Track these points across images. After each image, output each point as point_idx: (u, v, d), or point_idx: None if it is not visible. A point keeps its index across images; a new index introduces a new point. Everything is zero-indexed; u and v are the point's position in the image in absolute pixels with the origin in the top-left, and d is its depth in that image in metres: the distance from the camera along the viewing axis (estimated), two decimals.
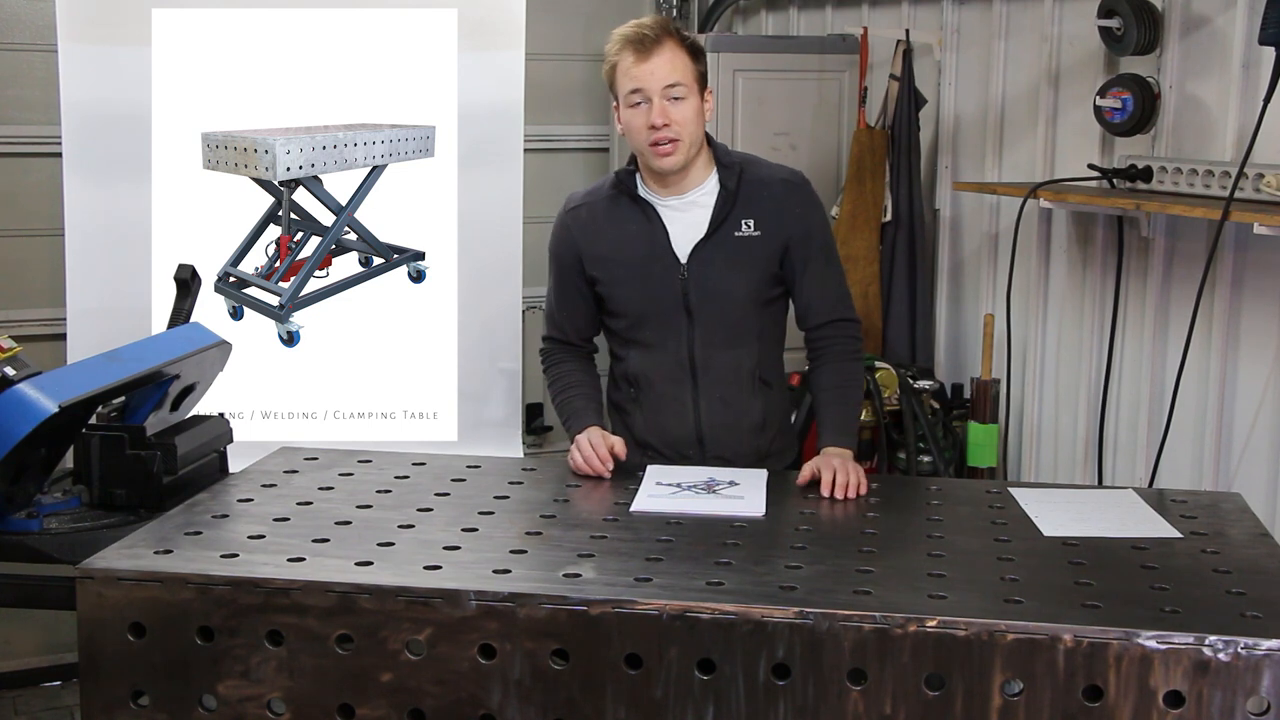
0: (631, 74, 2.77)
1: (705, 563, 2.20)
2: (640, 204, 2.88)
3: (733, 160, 2.90)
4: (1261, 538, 2.39)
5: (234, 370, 3.06)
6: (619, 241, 2.89)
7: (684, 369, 2.90)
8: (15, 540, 2.58)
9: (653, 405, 2.94)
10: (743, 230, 2.85)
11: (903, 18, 4.40)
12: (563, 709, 2.04)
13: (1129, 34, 3.46)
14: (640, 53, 2.76)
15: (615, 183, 2.92)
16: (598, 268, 2.91)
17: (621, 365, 2.98)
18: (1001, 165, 4.11)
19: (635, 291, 2.89)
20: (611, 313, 2.95)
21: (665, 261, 2.86)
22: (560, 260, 2.97)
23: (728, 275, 2.85)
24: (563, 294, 2.98)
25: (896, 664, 1.96)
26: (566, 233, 2.95)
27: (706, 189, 2.87)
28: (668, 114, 2.76)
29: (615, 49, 2.81)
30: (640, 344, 2.92)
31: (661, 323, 2.88)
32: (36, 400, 2.43)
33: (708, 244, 2.85)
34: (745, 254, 2.85)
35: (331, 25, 3.71)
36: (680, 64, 2.78)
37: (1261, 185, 3.10)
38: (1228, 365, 3.40)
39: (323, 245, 3.77)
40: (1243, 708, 1.90)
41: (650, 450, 2.95)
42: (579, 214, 2.94)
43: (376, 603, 2.06)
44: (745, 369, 2.91)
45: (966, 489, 2.86)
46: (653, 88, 2.76)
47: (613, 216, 2.90)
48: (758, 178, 2.89)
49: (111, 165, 3.63)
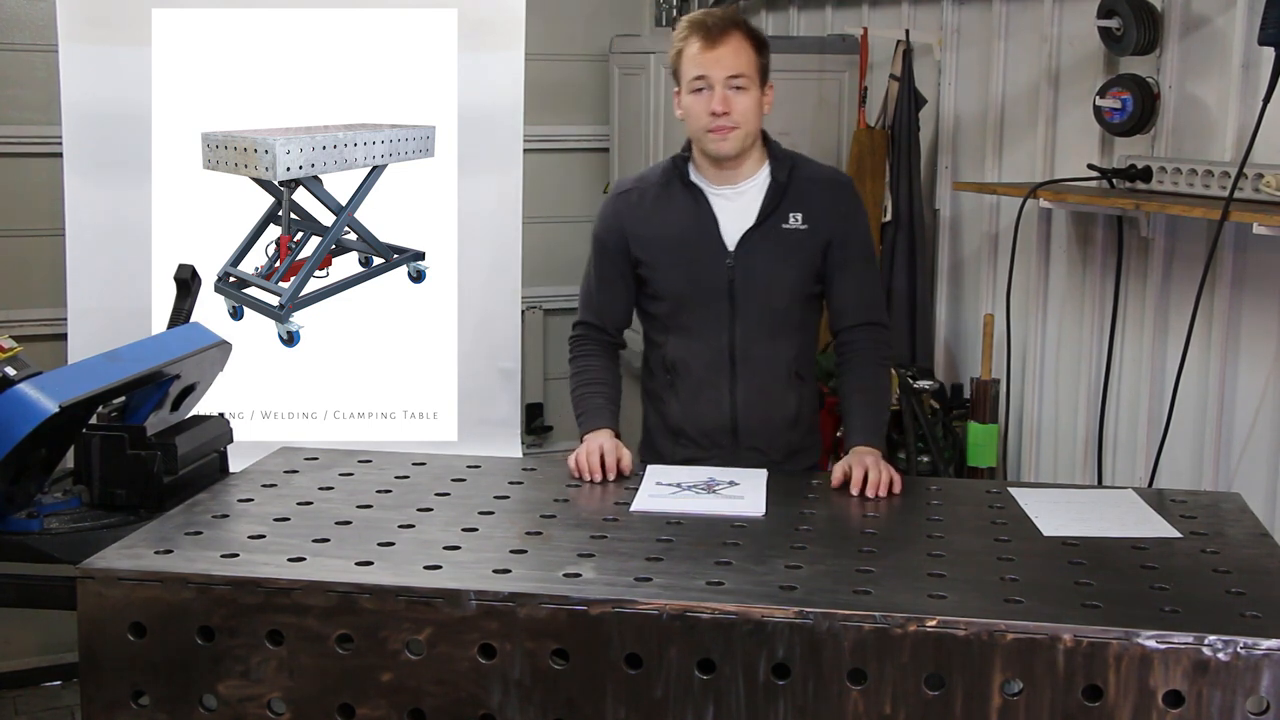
0: (697, 60, 2.82)
1: (705, 563, 2.20)
2: (691, 190, 2.92)
3: (785, 155, 2.95)
4: (1261, 538, 2.39)
5: (234, 370, 3.06)
6: (667, 225, 2.91)
7: (723, 357, 2.91)
8: (15, 540, 2.58)
9: (689, 392, 2.95)
10: (790, 223, 2.89)
11: (903, 18, 4.40)
12: (563, 709, 2.04)
13: (1129, 34, 3.46)
14: (708, 40, 2.81)
15: (668, 168, 2.96)
16: (643, 249, 2.93)
17: (659, 352, 2.99)
18: (1001, 165, 4.11)
19: (680, 275, 2.91)
20: (653, 296, 2.96)
21: (713, 248, 2.88)
22: (604, 243, 2.98)
23: (774, 266, 2.88)
24: (602, 278, 3.00)
25: (896, 664, 1.96)
26: (615, 216, 2.97)
27: (758, 180, 2.91)
28: (729, 102, 2.81)
29: (683, 34, 2.86)
30: (681, 330, 2.94)
31: (704, 309, 2.90)
32: (37, 400, 2.43)
33: (756, 233, 2.88)
34: (792, 246, 2.88)
35: (331, 25, 3.71)
36: (745, 55, 2.83)
37: (1261, 185, 3.10)
38: (1228, 365, 3.40)
39: (323, 245, 3.77)
40: (1242, 707, 1.90)
41: (684, 439, 2.96)
42: (629, 197, 2.97)
43: (376, 603, 2.06)
44: (784, 361, 2.92)
45: (966, 489, 2.86)
46: (716, 76, 2.81)
47: (662, 200, 2.93)
48: (808, 174, 2.94)
49: (111, 165, 3.63)
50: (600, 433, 2.83)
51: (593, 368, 2.98)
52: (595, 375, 2.97)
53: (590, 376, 2.97)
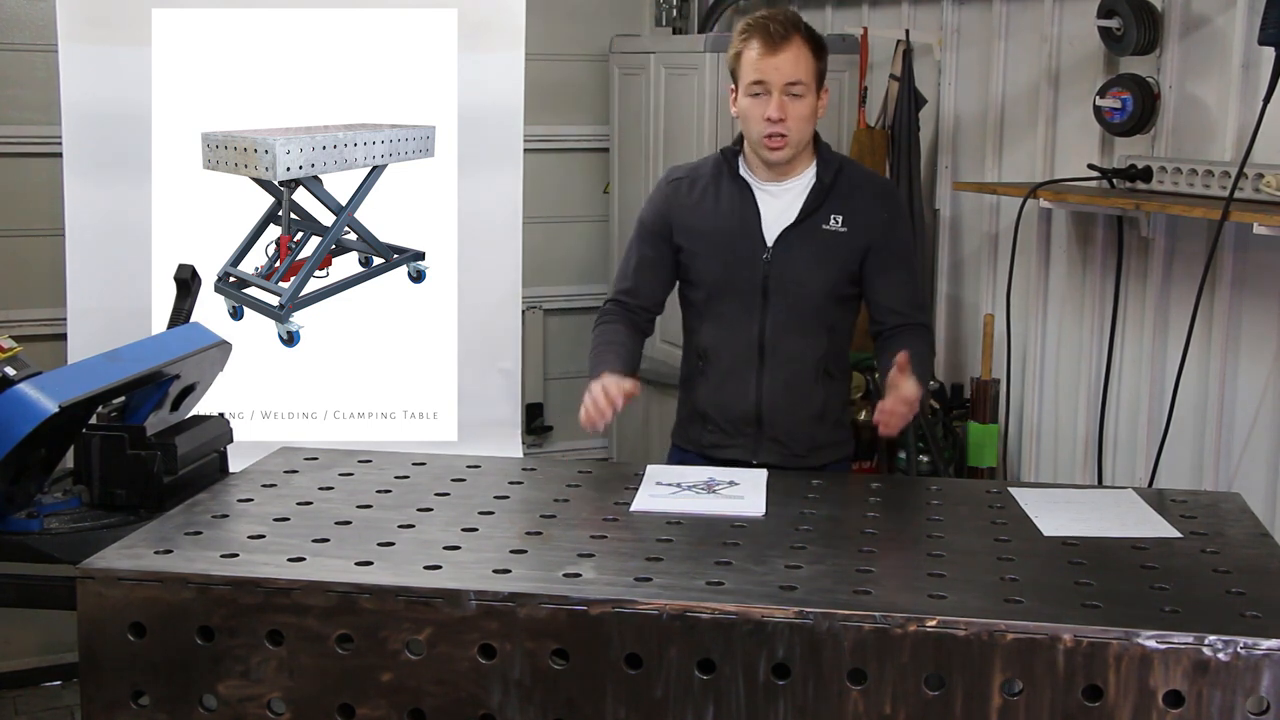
0: (757, 65, 2.85)
1: (705, 563, 2.20)
2: (739, 182, 2.96)
3: (833, 157, 2.99)
4: (1261, 538, 2.39)
5: (234, 370, 3.06)
6: (711, 214, 2.96)
7: (753, 348, 2.95)
8: (15, 540, 2.58)
9: (718, 378, 3.00)
10: (831, 224, 2.92)
11: (903, 18, 4.40)
12: (563, 709, 2.04)
13: (1129, 34, 3.46)
14: (769, 45, 2.84)
15: (719, 159, 3.01)
16: (685, 237, 2.98)
17: (694, 339, 3.04)
18: (1001, 165, 4.11)
19: (716, 264, 2.95)
20: (691, 282, 3.02)
21: (752, 241, 2.93)
22: (649, 225, 3.04)
23: (809, 265, 2.91)
24: (642, 258, 3.04)
25: (896, 664, 1.96)
26: (664, 200, 3.02)
27: (804, 179, 2.95)
28: (785, 109, 2.84)
29: (743, 36, 2.89)
30: (714, 317, 2.99)
31: (737, 300, 2.94)
32: (37, 400, 2.43)
33: (795, 231, 2.92)
34: (829, 247, 2.92)
35: (331, 25, 3.71)
36: (805, 62, 2.86)
37: (1261, 185, 3.10)
38: (1228, 365, 3.40)
39: (323, 245, 3.77)
40: (1242, 707, 1.90)
41: (710, 424, 3.01)
42: (680, 184, 3.02)
43: (376, 603, 2.06)
44: (811, 358, 2.96)
45: (966, 489, 2.86)
46: (775, 81, 2.83)
47: (710, 191, 2.98)
48: (853, 178, 2.98)
49: (111, 165, 3.63)
50: (601, 377, 2.81)
51: (609, 332, 3.01)
52: (610, 337, 2.99)
53: (605, 339, 2.99)
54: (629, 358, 2.96)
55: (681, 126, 4.73)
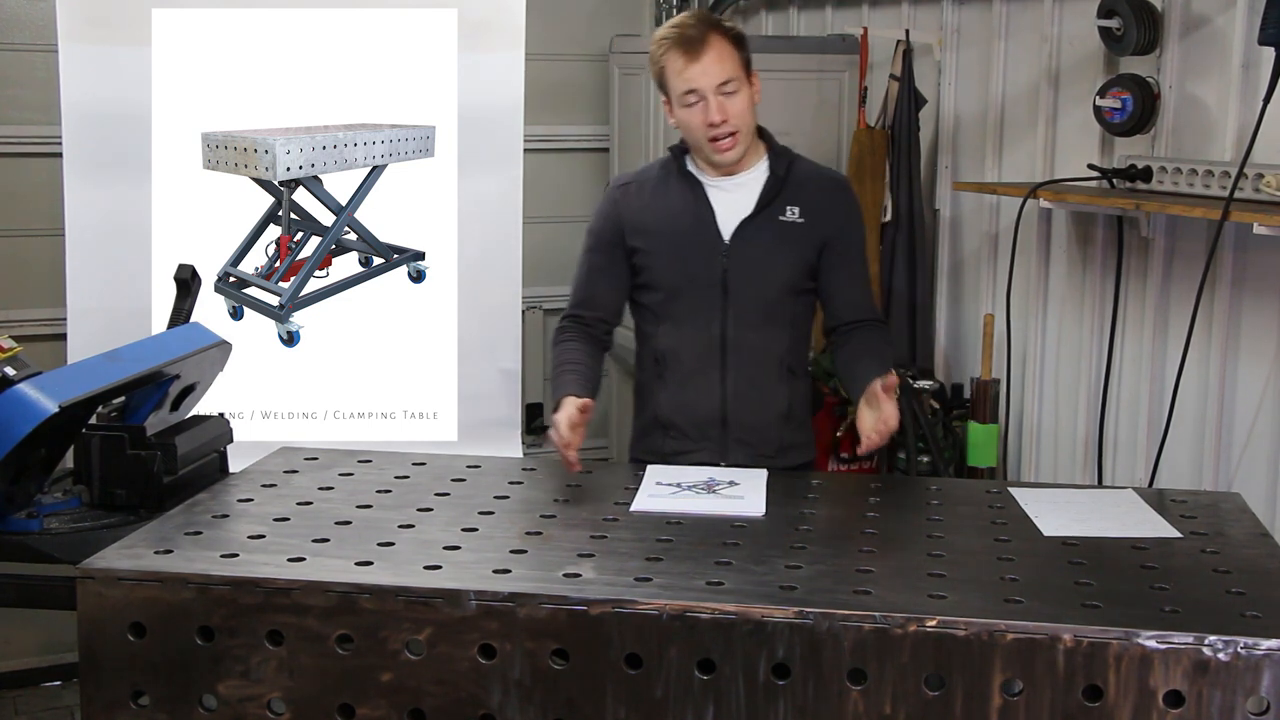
0: (684, 76, 2.82)
1: (705, 563, 2.20)
2: (689, 180, 2.93)
3: (784, 151, 2.96)
4: (1261, 538, 2.39)
5: (234, 370, 3.06)
6: (664, 214, 2.93)
7: (714, 347, 2.91)
8: (15, 540, 2.58)
9: (679, 382, 2.95)
10: (788, 215, 2.90)
11: (903, 18, 4.40)
12: (563, 709, 2.04)
13: (1129, 34, 3.46)
14: (689, 53, 2.81)
15: (666, 160, 2.98)
16: (639, 239, 2.94)
17: (650, 343, 2.99)
18: (1001, 165, 4.11)
19: (674, 264, 2.92)
20: (646, 285, 2.96)
21: (708, 237, 2.89)
22: (600, 235, 2.99)
23: (769, 257, 2.89)
24: (594, 269, 3.00)
25: (896, 664, 1.96)
26: (612, 207, 2.99)
27: (756, 172, 2.93)
28: (724, 109, 2.81)
29: (661, 51, 2.85)
30: (672, 319, 2.94)
31: (696, 298, 2.91)
32: (37, 400, 2.43)
33: (752, 224, 2.89)
34: (788, 239, 2.89)
35: (331, 25, 3.71)
36: (729, 58, 2.83)
37: (1261, 185, 3.10)
38: (1228, 365, 3.40)
39: (323, 245, 3.77)
40: (1242, 707, 1.90)
41: (674, 431, 2.96)
42: (628, 189, 3.00)
43: (376, 603, 2.06)
44: (775, 354, 2.93)
45: (966, 489, 2.86)
46: (706, 86, 2.81)
47: (660, 191, 2.95)
48: (807, 171, 2.96)
49: (111, 165, 3.63)
50: (563, 403, 2.75)
51: (568, 349, 2.95)
52: (569, 356, 2.93)
53: (564, 359, 2.94)
54: (589, 375, 2.90)
55: None
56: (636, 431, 3.08)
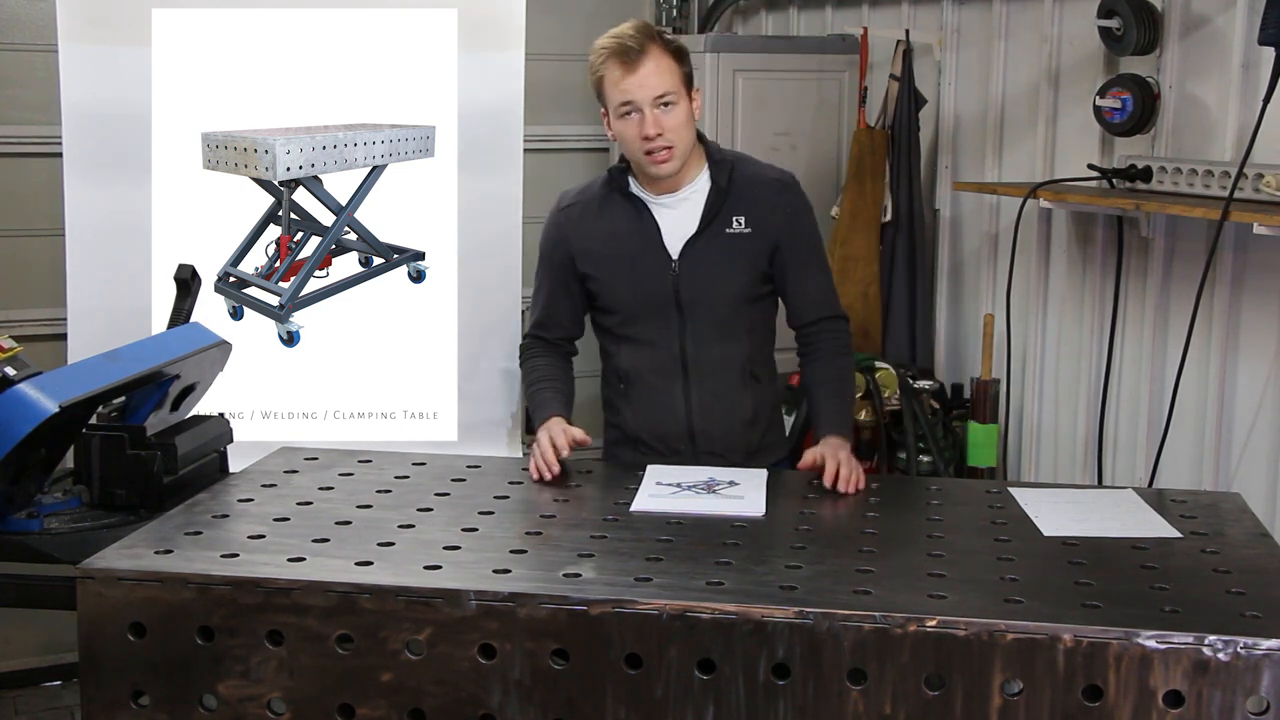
0: (620, 87, 2.79)
1: (705, 563, 2.20)
2: (632, 201, 2.91)
3: (724, 158, 2.92)
4: (1261, 538, 2.39)
5: (234, 370, 3.05)
6: (610, 238, 2.91)
7: (675, 364, 2.91)
8: (15, 540, 2.58)
9: (644, 400, 2.96)
10: (734, 227, 2.88)
11: (903, 18, 4.40)
12: (563, 709, 2.04)
13: (1129, 34, 3.46)
14: (627, 65, 2.78)
15: (607, 180, 2.95)
16: (589, 264, 2.93)
17: (612, 362, 3.00)
18: (1001, 165, 4.11)
19: (626, 287, 2.91)
20: (603, 309, 2.97)
21: (657, 257, 2.88)
22: (550, 258, 3.00)
23: (718, 271, 2.87)
24: (550, 292, 3.02)
25: (896, 664, 1.96)
26: (558, 230, 2.98)
27: (698, 186, 2.90)
28: (660, 123, 2.78)
29: (599, 61, 2.83)
30: (631, 340, 2.95)
31: (652, 318, 2.91)
32: (37, 400, 2.43)
33: (699, 240, 2.87)
34: (736, 250, 2.87)
35: (331, 25, 3.71)
36: (667, 71, 2.79)
37: (1261, 185, 3.10)
38: (1228, 365, 3.40)
39: (323, 245, 3.77)
40: (1242, 707, 1.90)
41: (642, 446, 2.97)
42: (571, 212, 2.98)
43: (376, 603, 2.06)
44: (736, 364, 2.92)
45: (966, 489, 2.86)
46: (643, 99, 2.78)
47: (604, 214, 2.93)
48: (749, 176, 2.91)
49: (111, 165, 3.62)
50: (548, 422, 2.84)
51: (540, 366, 3.01)
52: (543, 373, 3.00)
53: (538, 375, 3.00)
54: (566, 392, 2.98)
55: None
56: (607, 443, 3.09)
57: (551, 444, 2.75)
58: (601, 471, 2.86)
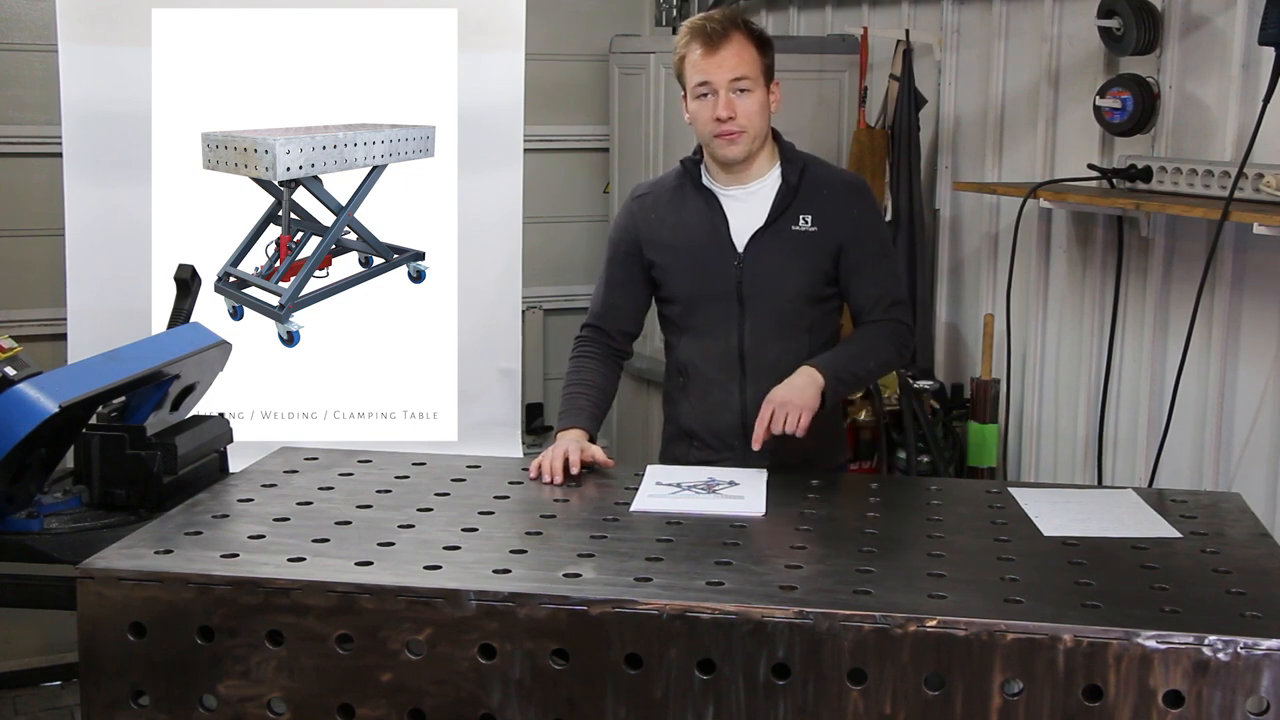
0: (699, 66, 2.82)
1: (705, 563, 2.20)
2: (703, 192, 2.93)
3: (797, 157, 2.94)
4: (1261, 538, 2.39)
5: (234, 370, 3.06)
6: (679, 227, 2.93)
7: (733, 358, 2.91)
8: (15, 540, 2.58)
9: (700, 393, 2.95)
10: (800, 224, 2.88)
11: (903, 18, 4.40)
12: (563, 709, 2.04)
13: (1129, 34, 3.46)
14: (708, 45, 2.81)
15: (681, 171, 2.97)
16: (656, 252, 2.95)
17: (674, 355, 3.01)
18: (1001, 165, 4.11)
19: (690, 277, 2.92)
20: (665, 299, 2.98)
21: (722, 249, 2.89)
22: (619, 246, 3.01)
23: (782, 267, 2.88)
24: (612, 280, 3.02)
25: (896, 664, 1.96)
26: (629, 219, 3.00)
27: (768, 181, 2.91)
28: (733, 106, 2.80)
29: (684, 41, 2.86)
30: (691, 331, 2.95)
31: (713, 310, 2.91)
32: (37, 400, 2.43)
33: (765, 234, 2.88)
34: (800, 248, 2.88)
35: (331, 25, 3.71)
36: (748, 57, 2.82)
37: (1261, 185, 3.10)
38: (1228, 365, 3.40)
39: (323, 245, 3.77)
40: (1242, 707, 1.90)
41: (696, 440, 2.97)
42: (644, 201, 3.00)
43: (376, 603, 2.06)
44: (794, 363, 2.86)
45: (966, 489, 2.86)
46: (719, 80, 2.80)
47: (675, 203, 2.95)
48: (820, 176, 2.93)
49: (111, 165, 3.63)
50: (571, 432, 2.82)
51: (586, 368, 2.99)
52: (585, 376, 2.97)
53: (580, 377, 2.97)
54: (601, 401, 2.93)
55: (681, 126, 4.68)
56: (664, 440, 3.09)
57: (565, 459, 2.73)
58: (601, 472, 2.85)
